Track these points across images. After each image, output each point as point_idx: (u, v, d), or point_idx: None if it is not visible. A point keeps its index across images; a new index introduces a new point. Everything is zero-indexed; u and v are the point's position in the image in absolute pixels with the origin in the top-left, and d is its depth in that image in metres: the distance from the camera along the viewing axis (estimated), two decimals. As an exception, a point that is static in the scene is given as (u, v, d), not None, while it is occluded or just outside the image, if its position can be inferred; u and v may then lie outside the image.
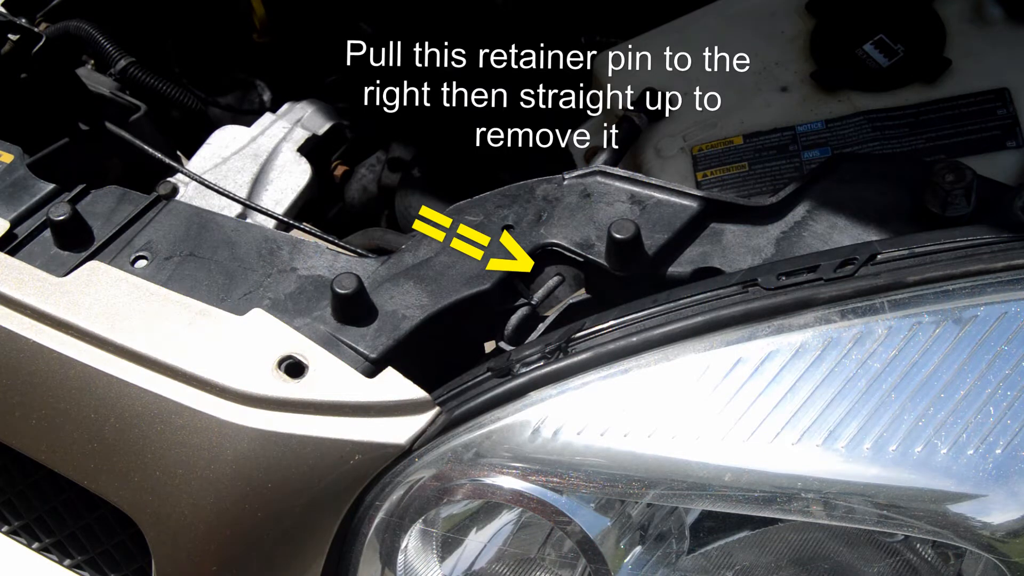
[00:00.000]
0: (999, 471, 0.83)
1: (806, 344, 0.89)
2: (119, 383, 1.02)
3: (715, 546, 0.96)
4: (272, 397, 0.97)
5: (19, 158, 1.24)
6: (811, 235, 1.02)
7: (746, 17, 1.43)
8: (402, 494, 0.96)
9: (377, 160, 1.75)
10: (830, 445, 0.85)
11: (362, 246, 1.40)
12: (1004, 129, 1.27)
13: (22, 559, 1.23)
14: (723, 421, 0.88)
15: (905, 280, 0.90)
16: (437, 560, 0.99)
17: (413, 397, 0.96)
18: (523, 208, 1.09)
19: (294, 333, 1.01)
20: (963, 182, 0.97)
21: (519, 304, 1.07)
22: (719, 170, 1.33)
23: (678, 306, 0.95)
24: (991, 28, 1.34)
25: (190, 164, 1.59)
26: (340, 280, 1.01)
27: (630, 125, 1.37)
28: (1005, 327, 0.87)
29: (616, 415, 0.90)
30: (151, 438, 1.00)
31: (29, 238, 1.14)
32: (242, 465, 0.97)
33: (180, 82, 1.76)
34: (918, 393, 0.85)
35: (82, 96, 1.48)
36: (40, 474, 1.16)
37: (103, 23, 1.71)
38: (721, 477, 0.87)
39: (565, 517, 0.91)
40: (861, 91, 1.34)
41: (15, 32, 1.35)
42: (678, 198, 1.06)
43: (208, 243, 1.12)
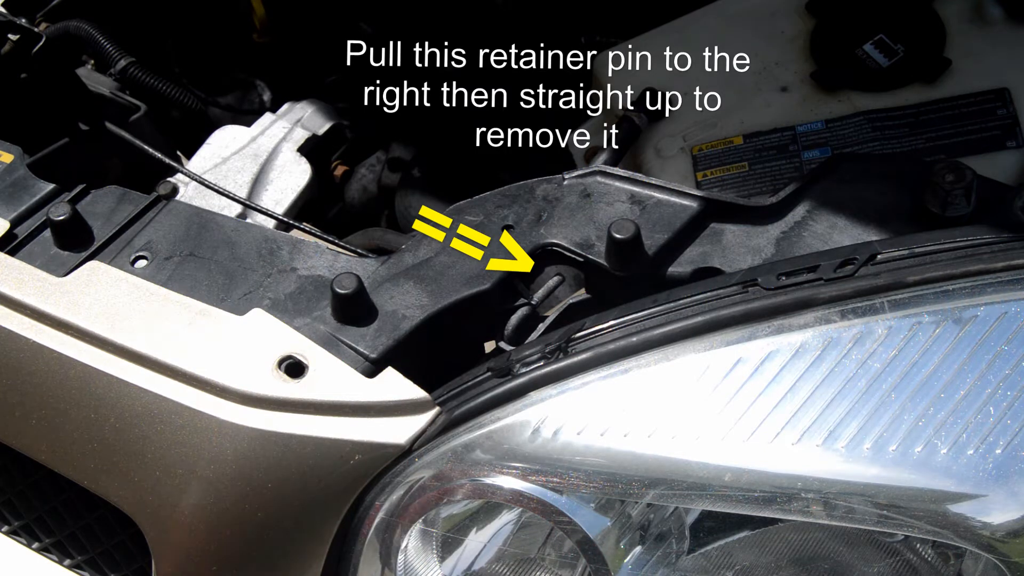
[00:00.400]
0: (999, 471, 0.83)
1: (806, 344, 0.89)
2: (119, 383, 1.02)
3: (715, 546, 0.96)
4: (272, 397, 0.97)
5: (19, 158, 1.23)
6: (811, 235, 1.02)
7: (746, 17, 1.43)
8: (402, 494, 0.96)
9: (377, 160, 1.74)
10: (830, 445, 0.85)
11: (362, 246, 1.40)
12: (1004, 129, 1.27)
13: (22, 559, 1.23)
14: (723, 421, 0.88)
15: (905, 280, 0.90)
16: (437, 560, 0.99)
17: (413, 397, 0.96)
18: (523, 208, 1.09)
19: (294, 333, 1.01)
20: (963, 182, 0.97)
21: (519, 304, 1.07)
22: (719, 170, 1.33)
23: (678, 306, 0.95)
24: (991, 28, 1.34)
25: (190, 164, 1.59)
26: (340, 280, 1.01)
27: (630, 125, 1.37)
28: (1005, 327, 0.87)
29: (616, 415, 0.90)
30: (151, 438, 1.00)
31: (29, 238, 1.14)
32: (242, 465, 0.97)
33: (180, 82, 1.76)
34: (918, 393, 0.85)
35: (82, 96, 1.48)
36: (40, 474, 1.16)
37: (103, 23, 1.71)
38: (721, 477, 0.87)
39: (565, 517, 0.91)
40: (861, 91, 1.34)
41: (15, 32, 1.35)
42: (678, 198, 1.06)
43: (208, 243, 1.12)
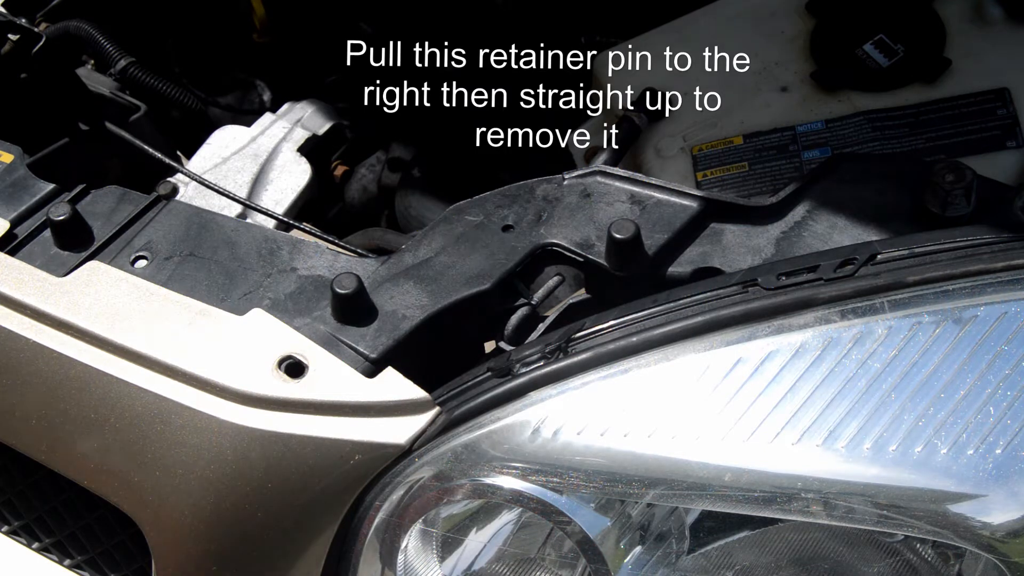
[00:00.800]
0: (999, 471, 0.83)
1: (806, 344, 0.89)
2: (119, 383, 1.01)
3: (715, 546, 0.96)
4: (272, 397, 0.97)
5: (19, 158, 1.23)
6: (811, 235, 1.02)
7: (746, 17, 1.43)
8: (402, 494, 0.96)
9: (377, 160, 1.74)
10: (830, 445, 0.85)
11: (362, 246, 1.40)
12: (1004, 129, 1.27)
13: (22, 559, 1.23)
14: (723, 421, 0.88)
15: (905, 280, 0.90)
16: (437, 560, 0.99)
17: (413, 397, 0.96)
18: (523, 208, 1.09)
19: (294, 333, 1.01)
20: (963, 182, 0.97)
21: (519, 304, 1.07)
22: (719, 170, 1.33)
23: (678, 306, 0.95)
24: (991, 28, 1.34)
25: (190, 164, 1.59)
26: (340, 280, 1.01)
27: (630, 125, 1.37)
28: (1005, 327, 0.87)
29: (616, 415, 0.90)
30: (151, 438, 1.00)
31: (29, 238, 1.14)
32: (242, 465, 0.97)
33: (180, 82, 1.76)
34: (918, 393, 0.85)
35: (82, 96, 1.48)
36: (40, 474, 1.16)
37: (103, 23, 1.71)
38: (721, 477, 0.87)
39: (565, 517, 0.91)
40: (861, 91, 1.34)
41: (15, 32, 1.35)
42: (678, 198, 1.06)
43: (208, 243, 1.12)
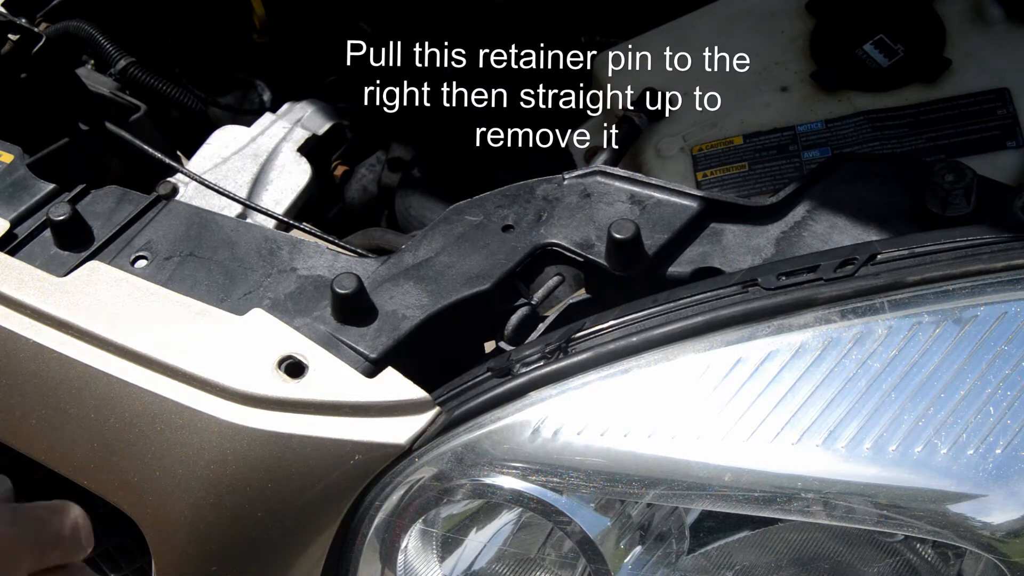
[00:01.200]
0: (999, 471, 0.83)
1: (806, 344, 0.89)
2: (119, 383, 1.01)
3: (715, 546, 0.96)
4: (272, 397, 0.97)
5: (19, 158, 1.23)
6: (811, 235, 1.02)
7: (746, 17, 1.43)
8: (402, 494, 0.96)
9: (377, 160, 1.74)
10: (830, 445, 0.85)
11: (362, 246, 1.40)
12: (1004, 129, 1.27)
13: (22, 559, 1.22)
14: (723, 421, 0.88)
15: (905, 280, 0.90)
16: (437, 560, 0.99)
17: (413, 397, 0.96)
18: (523, 208, 1.09)
19: (294, 333, 1.01)
20: (963, 182, 0.97)
21: (519, 304, 1.07)
22: (719, 170, 1.33)
23: (678, 306, 0.95)
24: (991, 28, 1.34)
25: (190, 164, 1.59)
26: (340, 280, 1.01)
27: (630, 125, 1.37)
28: (1005, 327, 0.87)
29: (616, 415, 0.90)
30: (151, 438, 1.00)
31: (29, 238, 1.14)
32: (242, 465, 0.97)
33: (180, 82, 1.76)
34: (918, 393, 0.85)
35: (82, 96, 1.48)
36: (40, 474, 1.16)
37: (103, 23, 1.71)
38: (721, 477, 0.87)
39: (565, 517, 0.91)
40: (861, 91, 1.34)
41: (15, 32, 1.35)
42: (678, 198, 1.06)
43: (208, 243, 1.12)
